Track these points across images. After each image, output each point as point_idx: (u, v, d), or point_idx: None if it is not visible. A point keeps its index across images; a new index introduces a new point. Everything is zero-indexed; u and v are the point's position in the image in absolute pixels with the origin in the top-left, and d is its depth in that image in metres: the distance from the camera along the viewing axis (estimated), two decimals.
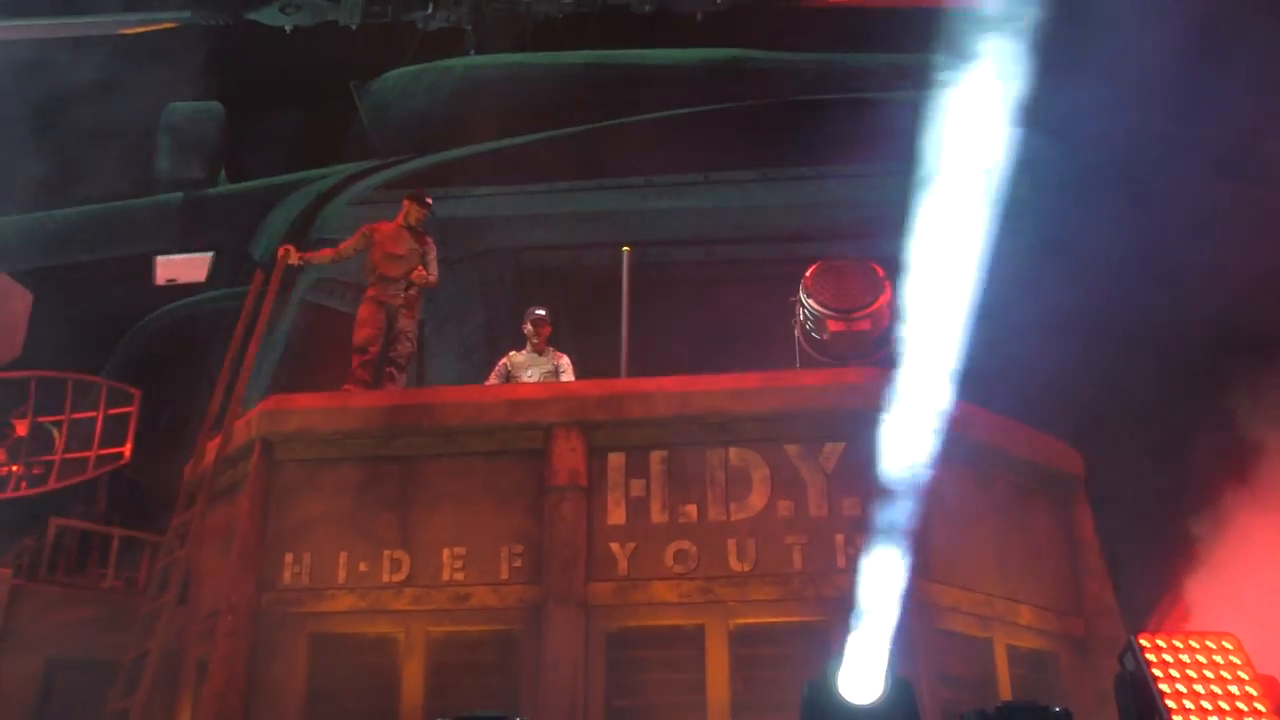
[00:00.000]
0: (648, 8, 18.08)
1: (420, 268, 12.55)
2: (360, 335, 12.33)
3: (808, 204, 17.14)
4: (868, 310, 11.20)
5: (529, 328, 12.73)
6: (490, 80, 18.91)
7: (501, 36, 18.71)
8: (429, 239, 12.86)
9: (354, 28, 18.12)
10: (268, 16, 17.67)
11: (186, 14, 17.68)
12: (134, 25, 17.46)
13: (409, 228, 12.76)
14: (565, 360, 12.56)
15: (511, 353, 12.64)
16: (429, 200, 12.97)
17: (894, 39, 17.09)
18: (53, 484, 14.48)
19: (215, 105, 19.34)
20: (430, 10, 18.29)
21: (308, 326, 16.85)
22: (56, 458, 14.66)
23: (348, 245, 12.86)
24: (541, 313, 12.71)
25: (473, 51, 18.84)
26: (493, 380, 12.56)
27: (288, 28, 17.74)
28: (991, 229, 7.22)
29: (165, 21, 17.56)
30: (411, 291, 12.59)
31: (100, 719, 10.74)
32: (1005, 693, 10.31)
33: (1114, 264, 12.95)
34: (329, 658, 10.40)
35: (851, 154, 15.36)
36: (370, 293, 12.56)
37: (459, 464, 10.85)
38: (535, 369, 12.42)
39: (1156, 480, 10.94)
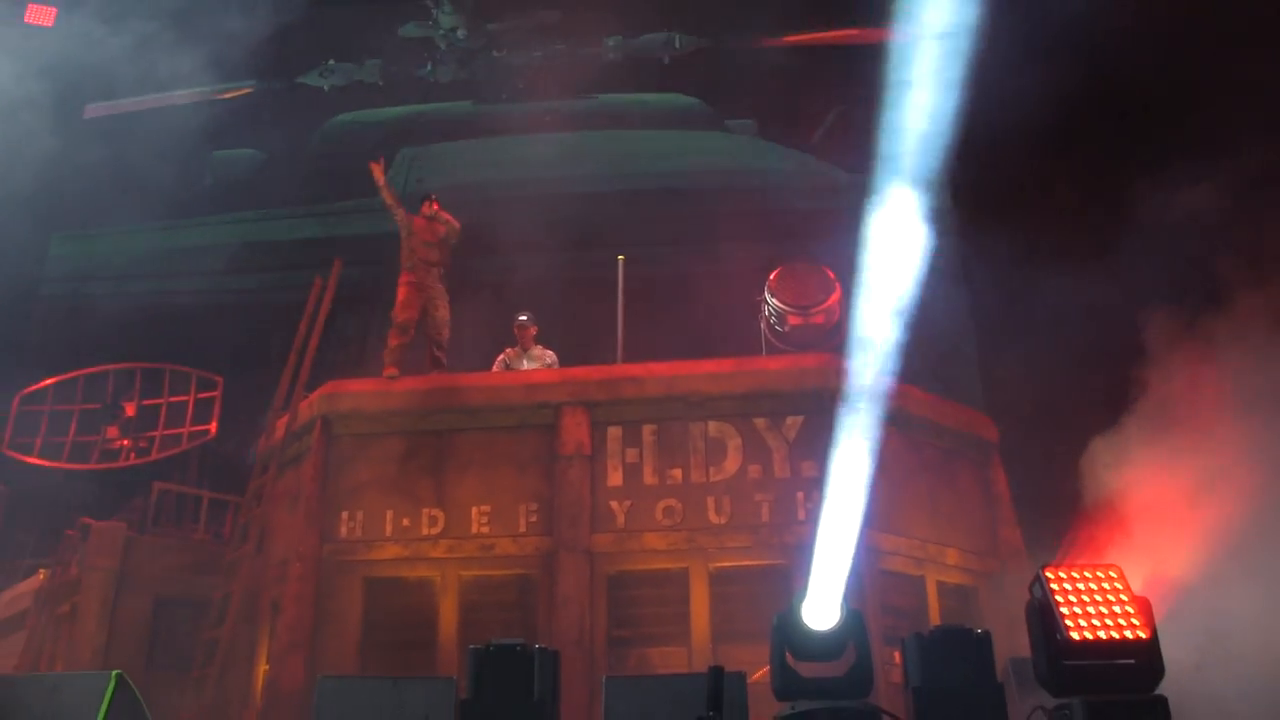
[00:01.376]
0: (611, 55, 18.05)
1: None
2: (403, 315, 11.68)
3: None
4: (821, 307, 11.17)
5: (516, 331, 12.18)
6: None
7: (498, 87, 18.56)
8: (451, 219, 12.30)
9: (379, 84, 18.54)
10: (311, 79, 18.31)
11: (252, 82, 18.16)
12: (219, 93, 17.68)
13: (432, 219, 12.01)
14: (551, 355, 12.05)
15: (507, 350, 12.17)
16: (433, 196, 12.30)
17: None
18: (154, 455, 14.43)
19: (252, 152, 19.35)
20: (430, 68, 18.43)
21: None
22: (157, 434, 14.59)
23: (399, 207, 12.06)
24: (524, 318, 12.15)
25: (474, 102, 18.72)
26: (498, 369, 12.15)
27: (325, 88, 18.24)
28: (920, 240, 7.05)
29: (243, 88, 17.97)
30: (441, 284, 11.97)
31: (195, 645, 10.81)
32: (935, 619, 10.29)
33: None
34: (379, 597, 10.38)
35: None
36: (409, 278, 11.85)
37: (484, 436, 10.77)
38: (527, 363, 12.02)
39: (1055, 440, 10.81)
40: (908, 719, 6.33)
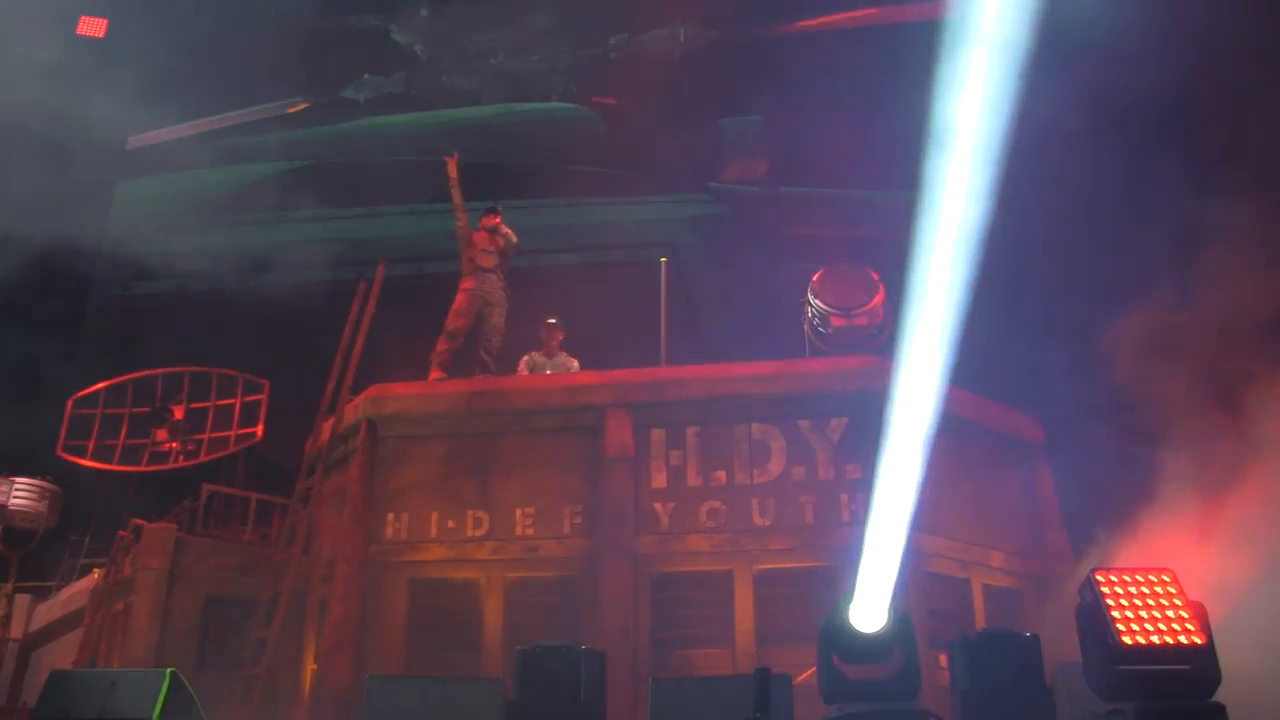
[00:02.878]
0: (612, 55, 18.26)
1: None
2: (455, 323, 11.81)
3: None
4: (864, 308, 11.03)
5: (543, 334, 12.24)
6: None
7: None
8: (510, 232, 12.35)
9: (410, 93, 19.73)
10: (349, 93, 19.34)
11: (302, 98, 19.35)
12: (279, 111, 19.08)
13: (493, 232, 12.17)
14: (575, 364, 12.09)
15: (532, 352, 12.20)
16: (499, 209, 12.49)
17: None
18: (203, 457, 14.54)
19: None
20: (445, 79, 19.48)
21: None
22: (205, 436, 14.71)
23: (463, 211, 12.15)
24: (552, 321, 12.24)
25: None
26: (522, 371, 12.11)
27: (361, 99, 19.35)
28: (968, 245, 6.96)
29: (300, 104, 19.16)
30: (501, 292, 12.04)
31: (244, 644, 10.87)
32: (981, 623, 10.19)
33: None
34: (424, 598, 10.41)
35: None
36: (467, 284, 11.97)
37: (528, 439, 10.76)
38: (550, 369, 11.98)
39: (1107, 441, 10.66)
40: None
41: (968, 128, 6.42)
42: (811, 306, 11.25)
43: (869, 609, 6.30)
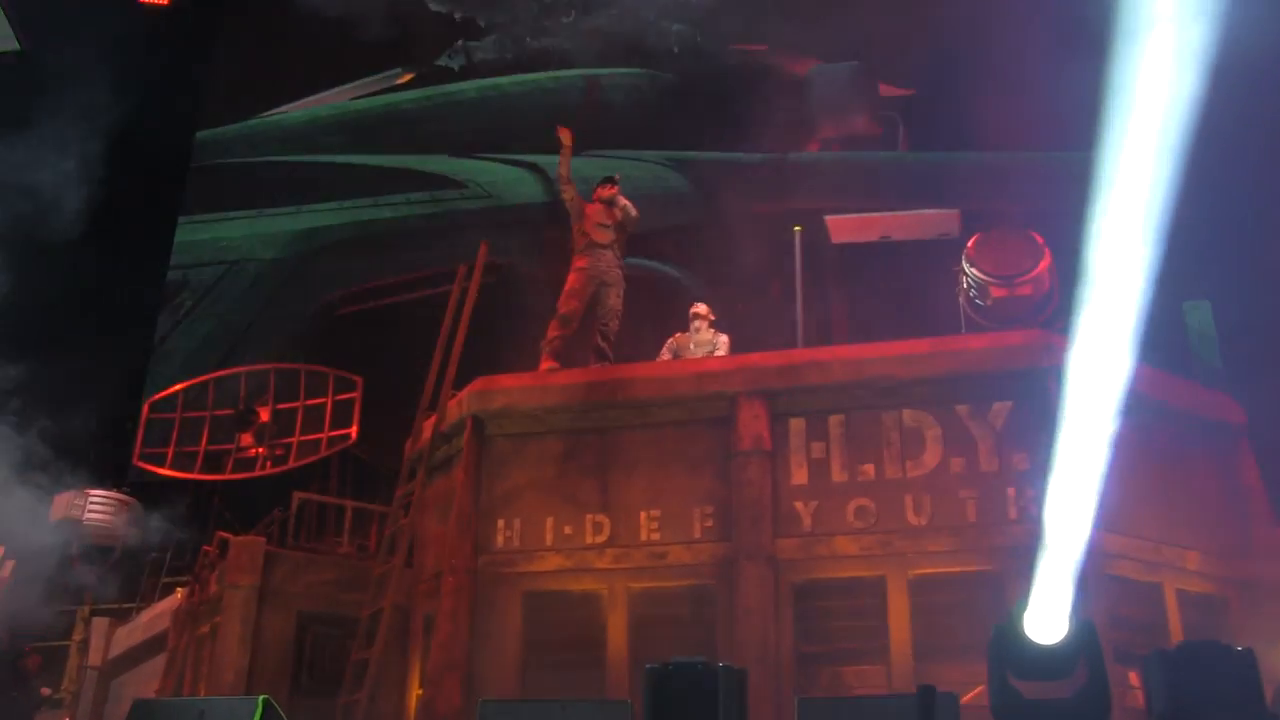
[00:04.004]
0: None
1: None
2: (568, 306, 11.93)
3: None
4: (1028, 276, 10.93)
5: (691, 314, 12.35)
6: None
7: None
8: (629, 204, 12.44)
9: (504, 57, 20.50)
10: (444, 61, 20.31)
11: (407, 67, 20.43)
12: (388, 83, 20.40)
13: (609, 204, 12.29)
14: (724, 339, 12.15)
15: (676, 334, 12.33)
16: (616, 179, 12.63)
17: None
18: (292, 463, 14.85)
19: None
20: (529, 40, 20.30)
21: None
22: (294, 440, 15.03)
23: (571, 184, 12.26)
24: (700, 302, 12.43)
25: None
26: (665, 355, 12.31)
27: (455, 67, 20.29)
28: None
29: (406, 74, 20.37)
30: (618, 270, 12.16)
31: (344, 667, 11.06)
32: (1176, 635, 9.98)
33: None
34: (541, 612, 10.54)
35: None
36: (581, 263, 12.08)
37: (652, 433, 10.86)
38: (695, 349, 12.07)
39: None
40: None
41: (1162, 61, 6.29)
42: (967, 276, 11.19)
43: (1046, 617, 6.25)
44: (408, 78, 20.17)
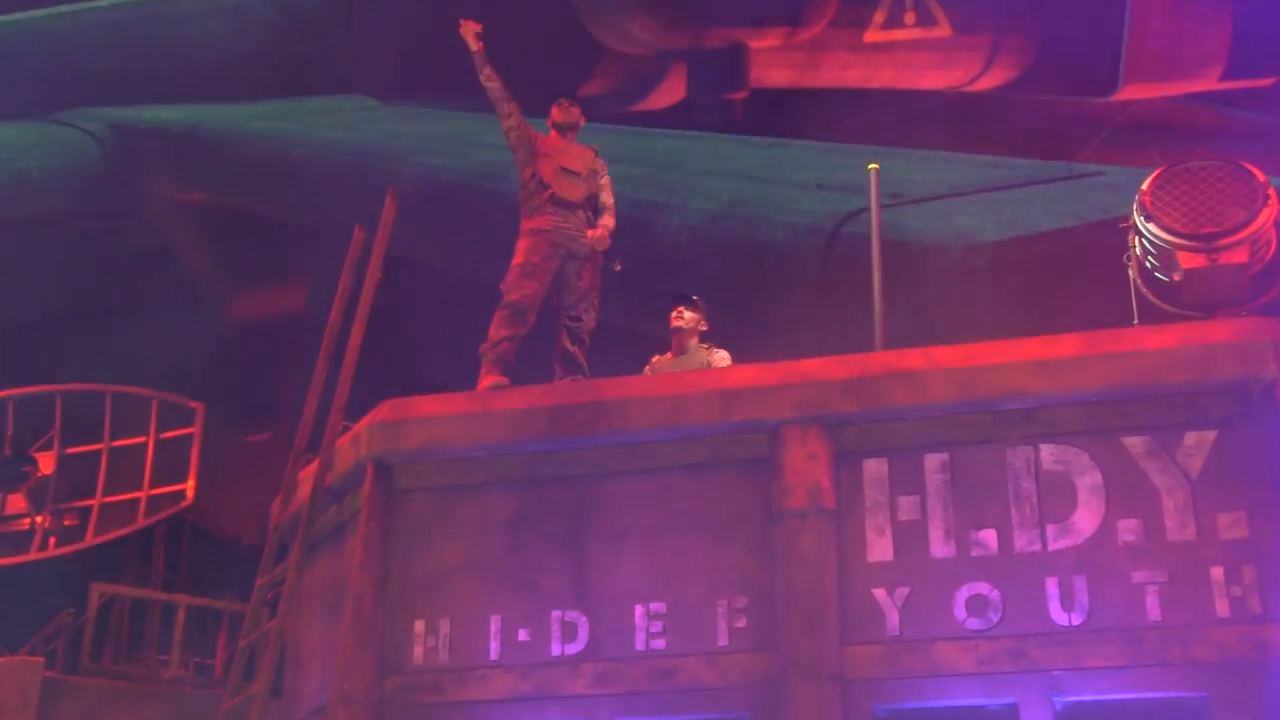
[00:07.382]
0: None
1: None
2: (519, 291, 11.94)
3: None
4: (1241, 235, 10.54)
5: (672, 321, 12.55)
6: None
7: None
8: (599, 159, 12.56)
9: None
10: None
11: None
12: None
13: (569, 129, 12.44)
14: (721, 355, 12.29)
15: (654, 357, 12.61)
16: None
17: None
18: (90, 539, 14.62)
19: None
20: None
21: None
22: (94, 502, 14.82)
23: (509, 100, 12.18)
24: (682, 306, 12.53)
25: None
26: None
27: None
28: None
29: None
30: (598, 230, 12.17)
31: None
32: None
33: None
34: None
35: None
36: (537, 223, 12.11)
37: (651, 483, 10.88)
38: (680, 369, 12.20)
39: None
40: None
41: None
42: (1143, 235, 10.84)
43: None
44: None
